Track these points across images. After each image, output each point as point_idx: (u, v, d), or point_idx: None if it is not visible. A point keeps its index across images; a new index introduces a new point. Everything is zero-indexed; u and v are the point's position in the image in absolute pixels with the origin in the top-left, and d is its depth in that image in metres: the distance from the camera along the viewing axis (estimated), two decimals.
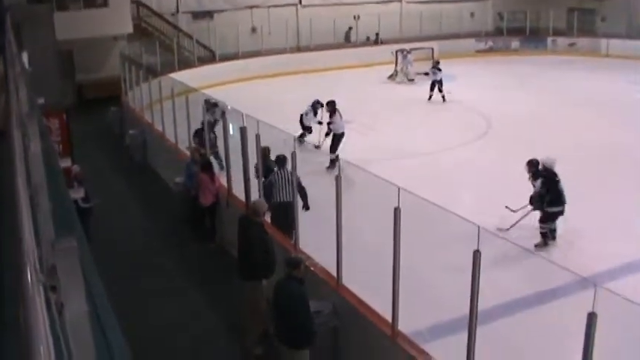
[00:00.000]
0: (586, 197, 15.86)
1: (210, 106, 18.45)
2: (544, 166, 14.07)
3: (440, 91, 29.44)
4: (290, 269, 8.88)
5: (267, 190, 13.12)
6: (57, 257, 2.09)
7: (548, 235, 13.66)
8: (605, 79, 33.12)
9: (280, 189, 13.12)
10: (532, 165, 14.29)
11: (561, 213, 13.73)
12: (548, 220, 13.73)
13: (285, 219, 12.38)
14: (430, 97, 29.71)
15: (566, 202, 13.66)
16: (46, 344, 1.68)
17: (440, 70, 29.69)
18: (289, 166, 11.97)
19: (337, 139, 20.13)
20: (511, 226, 13.76)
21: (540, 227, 13.71)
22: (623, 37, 40.58)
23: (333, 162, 18.64)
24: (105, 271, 12.87)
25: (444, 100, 29.29)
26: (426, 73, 30.35)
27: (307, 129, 22.09)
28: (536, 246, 13.18)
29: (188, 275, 13.74)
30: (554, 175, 13.89)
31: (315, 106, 22.36)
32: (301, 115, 22.15)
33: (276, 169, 13.47)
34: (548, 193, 13.63)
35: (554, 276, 10.50)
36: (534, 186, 13.94)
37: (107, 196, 16.22)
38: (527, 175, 14.25)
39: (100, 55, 33.21)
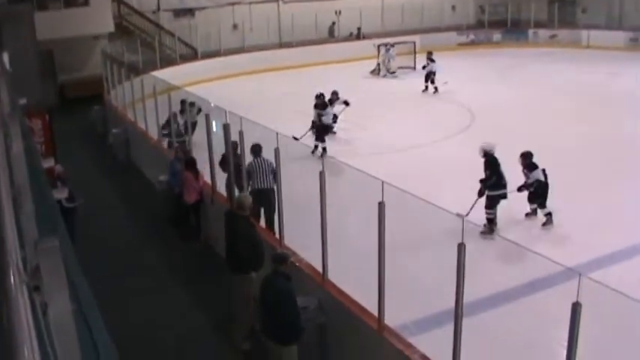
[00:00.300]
0: (569, 187, 15.94)
1: (188, 106, 18.42)
2: (484, 151, 14.33)
3: (432, 82, 29.71)
4: (276, 265, 8.89)
5: (246, 178, 13.51)
6: (40, 257, 2.09)
7: (494, 221, 13.82)
8: (586, 70, 33.26)
9: (258, 176, 13.50)
10: (525, 157, 14.34)
11: (504, 196, 13.98)
12: (492, 204, 13.91)
13: (265, 204, 12.98)
14: (426, 88, 29.95)
15: (507, 185, 13.97)
16: (30, 345, 1.68)
17: (433, 60, 29.97)
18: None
19: (326, 129, 20.69)
20: (468, 212, 13.78)
21: (486, 213, 13.84)
22: (603, 28, 40.81)
23: (325, 150, 19.87)
24: (90, 271, 12.85)
25: (435, 90, 29.55)
26: (424, 67, 30.37)
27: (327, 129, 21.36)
28: (482, 233, 13.15)
29: (173, 273, 13.73)
30: (495, 159, 14.18)
31: (332, 97, 22.09)
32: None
33: (252, 157, 13.72)
34: (492, 177, 13.90)
35: (540, 267, 10.56)
36: (529, 178, 14.02)
37: (91, 196, 16.15)
38: (514, 166, 14.28)
39: (82, 54, 33.10)
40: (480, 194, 13.76)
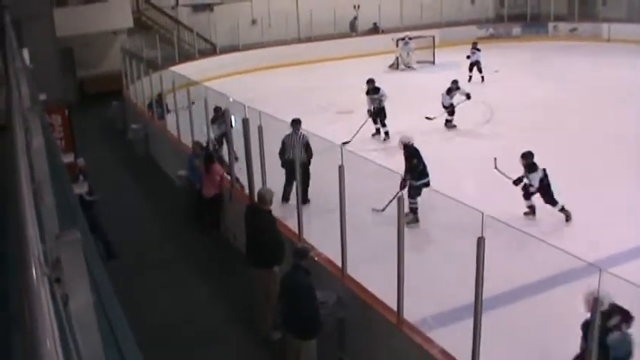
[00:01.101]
0: (590, 183, 15.88)
1: (219, 115, 18.19)
2: (403, 144, 14.57)
3: (479, 71, 30.36)
4: (297, 259, 8.90)
5: (281, 149, 15.09)
6: (61, 249, 2.10)
7: (416, 211, 13.95)
8: (608, 64, 32.94)
9: (289, 148, 14.90)
10: (526, 157, 14.27)
11: (426, 185, 14.04)
12: (415, 194, 13.99)
13: (293, 175, 13.36)
14: (470, 78, 30.22)
15: (429, 174, 14.22)
16: (52, 337, 1.68)
17: (479, 50, 30.57)
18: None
19: (384, 112, 21.19)
20: (385, 206, 13.78)
21: (410, 202, 13.86)
22: (624, 21, 40.40)
23: (387, 133, 20.98)
24: (110, 264, 12.98)
25: (482, 80, 30.14)
26: (468, 57, 30.75)
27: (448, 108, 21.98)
28: (407, 223, 13.11)
29: (193, 267, 13.80)
30: (416, 149, 14.48)
31: (452, 86, 22.08)
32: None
33: (290, 130, 15.24)
34: (419, 166, 14.16)
35: (560, 262, 10.51)
36: (529, 179, 13.96)
37: (111, 190, 16.25)
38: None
39: (101, 50, 33.24)
40: (402, 186, 13.65)
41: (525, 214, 14.20)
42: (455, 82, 21.98)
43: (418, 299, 10.61)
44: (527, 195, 14.16)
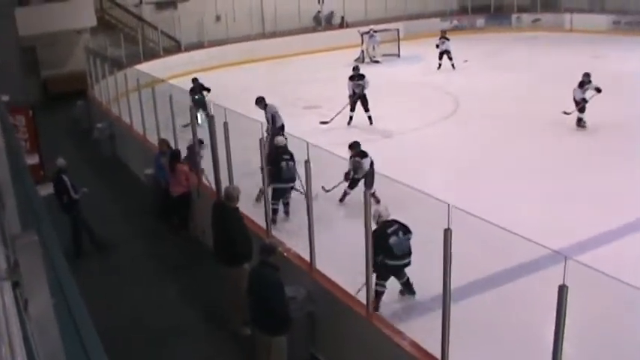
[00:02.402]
0: (552, 170, 16.03)
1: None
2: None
3: (450, 59, 31.14)
4: (264, 255, 8.86)
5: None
6: (19, 252, 2.07)
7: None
8: (570, 53, 33.29)
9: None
10: (354, 147, 14.61)
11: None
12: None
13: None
14: (439, 66, 31.30)
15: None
16: (9, 342, 1.67)
17: (448, 39, 31.38)
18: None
19: (366, 98, 21.75)
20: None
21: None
22: (585, 11, 40.81)
23: (370, 118, 21.73)
24: (77, 265, 12.87)
25: (453, 67, 31.10)
26: (437, 46, 31.41)
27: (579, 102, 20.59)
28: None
29: (162, 266, 13.76)
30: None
31: (584, 79, 20.60)
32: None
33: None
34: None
35: (526, 251, 10.59)
36: (361, 166, 14.24)
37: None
38: (496, 153, 14.29)
39: (64, 49, 32.93)
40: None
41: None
42: (587, 75, 20.61)
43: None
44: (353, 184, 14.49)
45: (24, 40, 28.48)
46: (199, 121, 14.71)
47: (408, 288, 10.73)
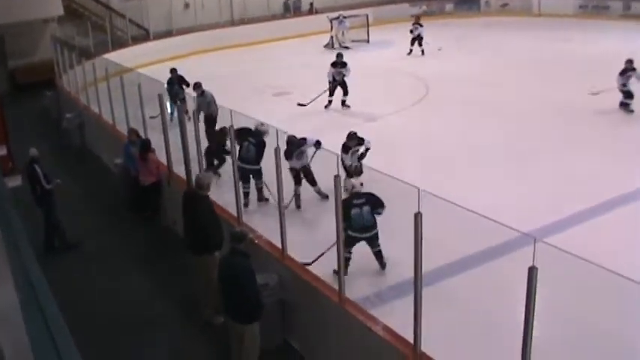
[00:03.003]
0: (522, 154, 16.13)
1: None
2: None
3: (420, 45, 31.22)
4: (234, 243, 8.84)
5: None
6: None
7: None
8: (538, 37, 33.49)
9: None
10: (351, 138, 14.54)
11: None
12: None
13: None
14: (410, 51, 31.32)
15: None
16: None
17: (421, 25, 31.52)
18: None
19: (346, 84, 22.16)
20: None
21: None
22: None
23: (344, 102, 22.14)
24: (48, 259, 12.80)
25: (422, 53, 31.13)
26: (411, 31, 31.46)
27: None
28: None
29: (133, 257, 13.73)
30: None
31: (627, 66, 19.46)
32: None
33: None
34: None
35: (496, 233, 10.65)
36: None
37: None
38: (466, 137, 14.32)
39: (32, 39, 32.54)
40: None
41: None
42: (630, 61, 19.55)
43: (359, 277, 10.73)
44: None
45: None
46: (168, 109, 14.63)
47: (378, 259, 11.01)
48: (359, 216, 10.62)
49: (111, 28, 33.80)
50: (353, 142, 14.30)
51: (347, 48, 34.62)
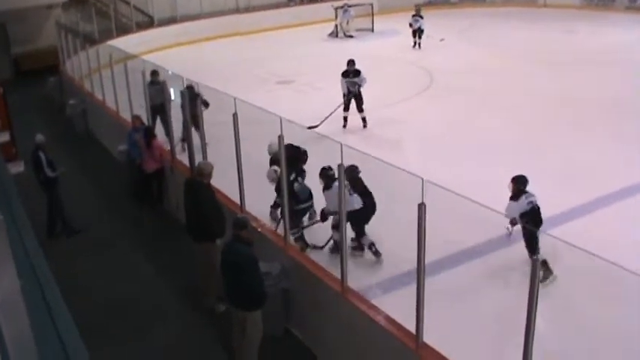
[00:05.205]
0: (528, 146, 16.09)
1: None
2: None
3: (419, 37, 30.43)
4: (237, 230, 8.82)
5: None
6: None
7: None
8: (543, 29, 33.44)
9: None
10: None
11: None
12: None
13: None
14: (414, 43, 30.58)
15: None
16: None
17: (421, 17, 30.52)
18: None
19: (361, 96, 18.82)
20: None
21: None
22: None
23: (365, 120, 18.67)
24: (51, 245, 12.80)
25: (419, 46, 30.44)
26: (410, 25, 30.62)
27: None
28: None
29: (137, 243, 13.72)
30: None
31: None
32: None
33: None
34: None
35: (499, 225, 10.64)
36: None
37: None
38: (470, 127, 14.18)
39: (35, 25, 32.52)
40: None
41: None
42: None
43: (362, 266, 10.72)
44: None
45: None
46: (172, 96, 14.58)
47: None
48: (300, 190, 11.70)
49: (115, 14, 33.70)
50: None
51: (351, 37, 34.63)
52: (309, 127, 16.68)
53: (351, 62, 18.82)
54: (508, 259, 10.58)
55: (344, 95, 18.75)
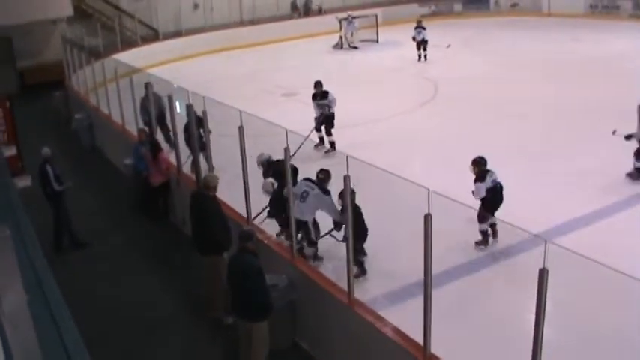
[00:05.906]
0: (532, 156, 16.07)
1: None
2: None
3: (424, 50, 29.93)
4: (243, 242, 8.83)
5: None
6: None
7: None
8: (548, 37, 33.48)
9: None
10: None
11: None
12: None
13: None
14: (419, 57, 30.09)
15: None
16: None
17: (424, 28, 29.99)
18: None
19: (332, 119, 17.98)
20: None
21: None
22: None
23: (333, 145, 17.65)
24: (58, 259, 12.80)
25: (422, 58, 29.91)
26: (414, 38, 30.22)
27: None
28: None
29: (143, 257, 13.72)
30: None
31: None
32: None
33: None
34: None
35: (507, 235, 10.63)
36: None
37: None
38: (475, 137, 14.20)
39: (41, 39, 32.60)
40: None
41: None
42: None
43: (369, 278, 10.70)
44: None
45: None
46: (178, 110, 14.62)
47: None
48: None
49: (120, 28, 33.80)
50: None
51: (356, 48, 34.69)
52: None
53: (318, 84, 18.31)
54: (516, 267, 10.55)
55: (315, 119, 18.09)
